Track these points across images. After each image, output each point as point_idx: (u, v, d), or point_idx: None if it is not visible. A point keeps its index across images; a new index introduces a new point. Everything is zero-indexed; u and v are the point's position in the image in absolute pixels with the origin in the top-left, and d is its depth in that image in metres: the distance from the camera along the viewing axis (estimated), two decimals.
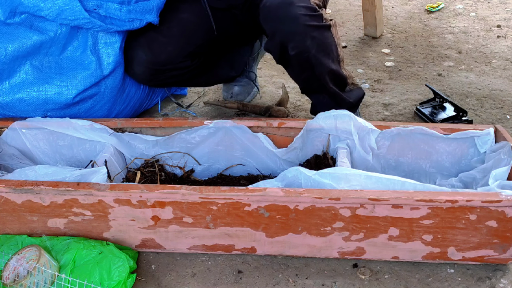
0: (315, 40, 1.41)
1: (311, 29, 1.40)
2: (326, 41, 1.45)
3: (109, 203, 1.19)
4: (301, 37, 1.40)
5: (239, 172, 1.50)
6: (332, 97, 1.54)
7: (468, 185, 1.35)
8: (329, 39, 1.46)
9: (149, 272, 1.24)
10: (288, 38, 1.42)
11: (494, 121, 1.82)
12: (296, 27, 1.39)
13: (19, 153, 1.48)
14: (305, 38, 1.40)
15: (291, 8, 1.38)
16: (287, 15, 1.39)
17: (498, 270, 1.23)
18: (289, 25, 1.39)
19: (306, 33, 1.40)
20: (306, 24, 1.39)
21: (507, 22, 2.64)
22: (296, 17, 1.38)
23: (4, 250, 1.21)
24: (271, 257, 1.27)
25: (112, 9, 1.47)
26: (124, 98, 1.70)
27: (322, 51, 1.45)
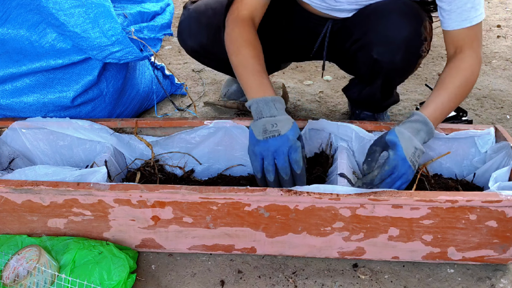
0: (403, 61, 1.38)
1: (406, 49, 1.36)
2: (409, 66, 1.43)
3: (109, 203, 1.19)
4: (394, 49, 1.36)
5: (239, 172, 1.50)
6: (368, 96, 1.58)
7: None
8: (412, 66, 1.44)
9: (149, 272, 1.24)
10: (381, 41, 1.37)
11: (494, 121, 1.82)
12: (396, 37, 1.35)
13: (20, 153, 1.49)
14: (396, 53, 1.37)
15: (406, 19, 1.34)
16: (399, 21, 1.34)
17: (498, 270, 1.23)
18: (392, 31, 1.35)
19: (400, 49, 1.36)
20: (406, 42, 1.35)
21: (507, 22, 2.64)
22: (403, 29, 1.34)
23: (4, 250, 1.21)
24: (271, 257, 1.27)
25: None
26: (125, 101, 1.70)
27: (399, 71, 1.43)
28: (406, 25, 1.34)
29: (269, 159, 1.16)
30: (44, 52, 1.44)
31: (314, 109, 1.92)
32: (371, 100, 1.61)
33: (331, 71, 2.26)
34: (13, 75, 1.47)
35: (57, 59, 1.46)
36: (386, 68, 1.43)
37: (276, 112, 1.19)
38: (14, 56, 1.46)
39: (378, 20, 1.37)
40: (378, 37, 1.38)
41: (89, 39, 1.39)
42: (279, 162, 1.16)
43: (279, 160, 1.16)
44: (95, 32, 1.38)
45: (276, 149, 1.16)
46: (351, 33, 1.45)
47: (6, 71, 1.47)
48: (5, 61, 1.47)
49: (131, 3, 1.60)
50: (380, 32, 1.37)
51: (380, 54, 1.39)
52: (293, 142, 1.17)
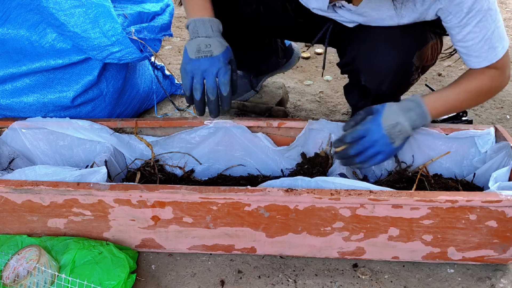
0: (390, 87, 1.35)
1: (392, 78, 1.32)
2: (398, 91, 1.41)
3: (109, 203, 1.19)
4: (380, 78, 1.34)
5: (239, 172, 1.50)
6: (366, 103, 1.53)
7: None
8: (402, 89, 1.42)
9: (149, 272, 1.24)
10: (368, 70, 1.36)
11: (494, 121, 1.82)
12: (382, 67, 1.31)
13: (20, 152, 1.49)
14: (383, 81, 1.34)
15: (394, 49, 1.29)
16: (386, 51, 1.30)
17: (498, 270, 1.23)
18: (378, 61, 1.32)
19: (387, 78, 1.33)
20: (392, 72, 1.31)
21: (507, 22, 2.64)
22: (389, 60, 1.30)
23: (4, 250, 1.21)
24: (271, 257, 1.27)
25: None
26: (125, 100, 1.70)
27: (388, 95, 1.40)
28: (394, 56, 1.30)
29: (199, 78, 1.20)
30: (44, 52, 1.44)
31: (314, 109, 1.92)
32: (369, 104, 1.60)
33: (331, 71, 2.26)
34: (13, 75, 1.47)
35: (57, 59, 1.46)
36: (375, 93, 1.42)
37: (211, 33, 1.21)
38: (14, 56, 1.45)
39: (368, 48, 1.34)
40: (365, 65, 1.36)
41: (89, 39, 1.39)
42: (208, 82, 1.20)
43: (208, 80, 1.19)
44: (95, 32, 1.38)
45: (206, 68, 1.19)
46: (344, 51, 1.44)
47: (6, 71, 1.47)
48: (5, 61, 1.47)
49: (131, 3, 1.60)
50: (368, 61, 1.35)
51: (368, 82, 1.39)
52: (224, 64, 1.20)
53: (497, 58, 1.22)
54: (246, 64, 1.82)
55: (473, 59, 1.23)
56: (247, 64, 1.82)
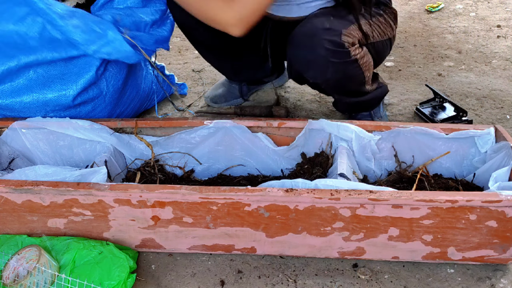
0: (336, 73, 1.38)
1: (333, 63, 1.36)
2: (348, 73, 1.42)
3: (109, 203, 1.19)
4: (321, 69, 1.38)
5: (239, 172, 1.50)
6: (351, 104, 1.59)
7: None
8: (353, 70, 1.42)
9: (149, 272, 1.24)
10: (305, 68, 1.40)
11: (494, 121, 1.82)
12: (316, 59, 1.36)
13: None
14: (325, 71, 1.37)
15: (316, 40, 1.34)
16: (309, 46, 1.35)
17: (498, 270, 1.23)
18: (309, 55, 1.36)
19: (327, 66, 1.36)
20: (327, 58, 1.35)
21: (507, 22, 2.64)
22: (317, 50, 1.34)
23: (4, 250, 1.21)
24: (271, 257, 1.27)
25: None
26: (125, 100, 1.70)
27: (342, 82, 1.43)
28: (322, 45, 1.33)
29: None
30: (37, 45, 1.43)
31: (314, 109, 1.92)
32: (355, 107, 1.62)
33: None
34: (11, 71, 1.46)
35: (53, 52, 1.44)
36: (327, 86, 1.46)
37: None
38: (8, 51, 1.45)
39: (295, 48, 1.38)
40: (301, 65, 1.41)
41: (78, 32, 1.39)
42: None
43: None
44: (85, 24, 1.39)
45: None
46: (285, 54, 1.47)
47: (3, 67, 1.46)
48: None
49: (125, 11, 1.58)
50: (301, 60, 1.40)
51: (312, 78, 1.43)
52: None
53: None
54: (243, 71, 1.85)
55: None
56: (244, 71, 1.85)
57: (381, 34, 1.50)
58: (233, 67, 1.84)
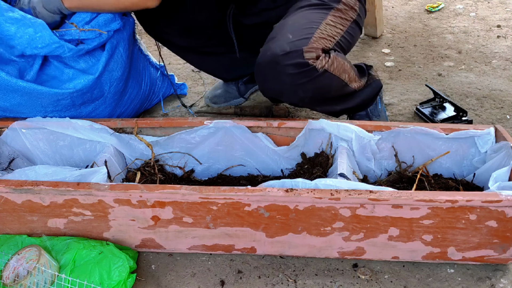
0: (309, 91, 1.35)
1: (300, 85, 1.32)
2: (322, 86, 1.37)
3: (109, 203, 1.19)
4: (291, 93, 1.35)
5: (239, 172, 1.50)
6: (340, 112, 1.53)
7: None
8: (327, 80, 1.36)
9: (149, 272, 1.24)
10: (278, 94, 1.39)
11: (494, 121, 1.82)
12: (282, 87, 1.34)
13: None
14: (296, 93, 1.35)
15: (278, 68, 1.31)
16: (273, 76, 1.33)
17: (498, 270, 1.23)
18: (275, 85, 1.35)
19: (295, 89, 1.34)
20: (294, 83, 1.31)
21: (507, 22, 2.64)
22: (281, 78, 1.31)
23: (4, 250, 1.21)
24: (271, 257, 1.27)
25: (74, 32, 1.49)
26: (126, 101, 1.70)
27: (319, 95, 1.39)
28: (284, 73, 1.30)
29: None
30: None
31: None
32: (348, 111, 1.56)
33: None
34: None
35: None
36: (304, 104, 1.43)
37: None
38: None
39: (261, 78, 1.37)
40: (272, 94, 1.40)
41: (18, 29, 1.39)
42: None
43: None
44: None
45: None
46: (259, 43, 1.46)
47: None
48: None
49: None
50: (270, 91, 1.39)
51: (288, 101, 1.41)
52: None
53: None
54: (232, 68, 1.85)
55: None
56: (234, 68, 1.85)
57: (344, 24, 1.44)
58: (221, 66, 1.83)
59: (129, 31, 1.63)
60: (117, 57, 1.58)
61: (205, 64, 1.85)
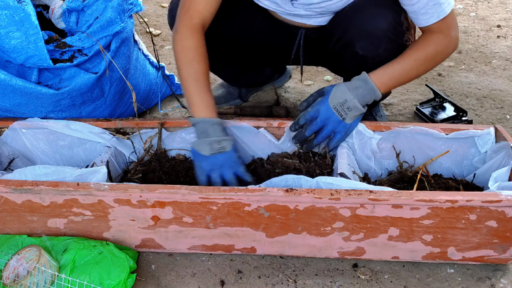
0: (388, 51, 1.36)
1: (389, 40, 1.35)
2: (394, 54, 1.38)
3: (109, 203, 1.19)
4: (377, 42, 1.35)
5: None
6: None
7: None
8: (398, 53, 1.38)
9: (149, 272, 1.24)
10: (362, 35, 1.37)
11: (494, 121, 1.82)
12: (376, 29, 1.34)
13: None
14: (380, 45, 1.36)
15: (381, 10, 1.33)
16: (374, 14, 1.34)
17: (498, 270, 1.23)
18: (370, 23, 1.35)
19: (383, 41, 1.35)
20: (386, 33, 1.34)
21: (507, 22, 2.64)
22: (380, 20, 1.33)
23: (4, 250, 1.21)
24: (271, 257, 1.27)
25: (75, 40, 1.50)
26: (126, 101, 1.71)
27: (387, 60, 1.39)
28: (384, 17, 1.34)
29: (217, 173, 1.25)
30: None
31: None
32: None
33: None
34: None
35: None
36: (372, 61, 1.41)
37: (221, 134, 1.29)
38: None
39: (356, 16, 1.37)
40: (358, 32, 1.38)
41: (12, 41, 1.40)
42: (227, 175, 1.25)
43: (226, 174, 1.25)
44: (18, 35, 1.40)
45: (223, 163, 1.25)
46: (332, 33, 1.45)
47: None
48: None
49: None
50: (360, 27, 1.37)
51: (364, 49, 1.39)
52: (237, 156, 1.28)
53: (445, 14, 1.28)
54: (243, 78, 1.86)
55: (421, 17, 1.29)
56: (244, 77, 1.86)
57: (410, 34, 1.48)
58: (232, 74, 1.84)
59: (130, 32, 1.63)
60: (119, 57, 1.59)
61: (218, 70, 1.84)
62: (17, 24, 1.40)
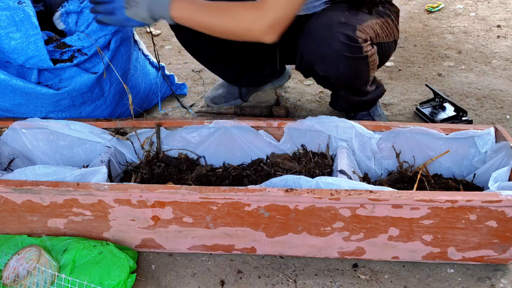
0: (347, 68, 1.39)
1: (346, 58, 1.37)
2: (358, 70, 1.43)
3: (109, 203, 1.19)
4: (334, 63, 1.38)
5: None
6: (353, 103, 1.60)
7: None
8: (363, 67, 1.43)
9: (149, 272, 1.24)
10: (317, 60, 1.41)
11: (494, 121, 1.82)
12: (329, 52, 1.37)
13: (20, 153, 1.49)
14: (337, 65, 1.38)
15: (331, 32, 1.35)
16: (324, 38, 1.36)
17: (498, 270, 1.23)
18: (323, 48, 1.37)
19: (340, 60, 1.37)
20: (341, 52, 1.36)
21: (507, 22, 2.64)
22: (332, 42, 1.35)
23: (4, 250, 1.21)
24: (271, 257, 1.27)
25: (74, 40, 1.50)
26: (126, 101, 1.70)
27: (351, 77, 1.44)
28: (335, 39, 1.35)
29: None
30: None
31: (314, 109, 1.92)
32: (356, 106, 1.63)
33: None
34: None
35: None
36: (336, 79, 1.45)
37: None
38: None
39: (310, 40, 1.39)
40: (314, 57, 1.41)
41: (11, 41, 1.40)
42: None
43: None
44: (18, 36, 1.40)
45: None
46: (295, 52, 1.48)
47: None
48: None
49: None
50: (314, 52, 1.40)
51: (324, 71, 1.43)
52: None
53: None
54: (243, 77, 1.86)
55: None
56: (244, 77, 1.86)
57: (388, 35, 1.51)
58: (233, 73, 1.85)
59: (130, 32, 1.63)
60: (118, 57, 1.58)
61: (218, 69, 1.85)
62: (17, 25, 1.40)
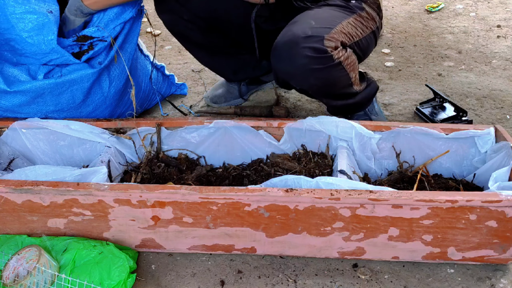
0: (319, 79, 1.38)
1: (314, 70, 1.35)
2: (333, 77, 1.40)
3: (109, 203, 1.19)
4: (302, 77, 1.38)
5: None
6: (340, 107, 1.57)
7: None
8: (338, 73, 1.40)
9: (149, 272, 1.24)
10: (289, 77, 1.41)
11: (494, 121, 1.82)
12: (296, 69, 1.36)
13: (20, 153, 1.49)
14: (307, 78, 1.38)
15: (296, 49, 1.33)
16: (290, 56, 1.35)
17: (498, 270, 1.23)
18: (290, 66, 1.36)
19: (308, 74, 1.36)
20: (308, 67, 1.34)
21: (507, 22, 2.64)
22: (297, 60, 1.34)
23: (4, 250, 1.21)
24: (271, 257, 1.27)
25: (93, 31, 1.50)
26: (126, 101, 1.70)
27: (328, 86, 1.43)
28: (301, 55, 1.33)
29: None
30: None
31: (314, 109, 1.92)
32: (345, 109, 1.59)
33: None
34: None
35: None
36: (312, 91, 1.46)
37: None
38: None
39: (278, 59, 1.39)
40: (285, 74, 1.41)
41: (33, 44, 1.41)
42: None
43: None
44: (38, 39, 1.41)
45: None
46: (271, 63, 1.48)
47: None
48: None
49: None
50: (284, 71, 1.40)
51: (298, 85, 1.44)
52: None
53: None
54: (240, 70, 1.86)
55: None
56: (241, 69, 1.86)
57: (364, 30, 1.49)
58: (230, 66, 1.84)
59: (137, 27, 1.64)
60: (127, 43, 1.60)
61: (215, 63, 1.85)
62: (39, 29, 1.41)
